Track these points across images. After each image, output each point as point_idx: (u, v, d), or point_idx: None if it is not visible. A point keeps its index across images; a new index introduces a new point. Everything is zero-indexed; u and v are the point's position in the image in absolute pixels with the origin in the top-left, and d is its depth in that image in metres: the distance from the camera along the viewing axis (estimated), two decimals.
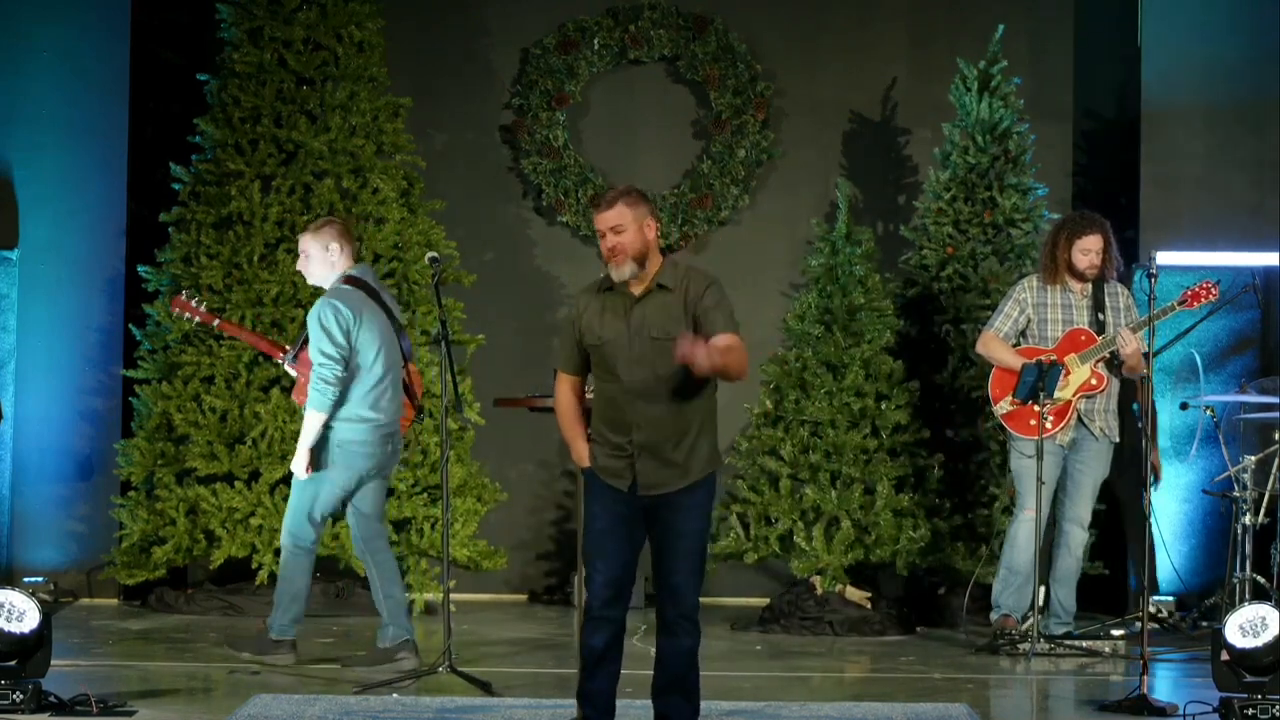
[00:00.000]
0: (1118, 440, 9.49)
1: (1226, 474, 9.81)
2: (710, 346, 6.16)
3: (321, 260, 8.46)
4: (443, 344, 8.07)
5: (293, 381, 10.36)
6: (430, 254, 8.32)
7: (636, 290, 6.39)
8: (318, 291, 8.73)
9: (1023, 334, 9.44)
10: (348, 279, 8.45)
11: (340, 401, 8.32)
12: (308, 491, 8.48)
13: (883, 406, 10.20)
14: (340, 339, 8.25)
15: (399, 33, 11.23)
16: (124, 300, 10.83)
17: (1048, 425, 9.17)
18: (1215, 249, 10.80)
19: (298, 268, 8.64)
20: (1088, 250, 9.30)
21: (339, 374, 8.26)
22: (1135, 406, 9.69)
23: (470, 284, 10.80)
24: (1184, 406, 10.19)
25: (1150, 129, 10.98)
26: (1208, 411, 10.03)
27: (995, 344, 9.44)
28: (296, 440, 10.18)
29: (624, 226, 6.36)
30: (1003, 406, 9.37)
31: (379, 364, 8.40)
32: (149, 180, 11.03)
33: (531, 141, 11.56)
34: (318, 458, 8.41)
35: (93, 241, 10.73)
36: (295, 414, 10.31)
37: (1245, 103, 10.88)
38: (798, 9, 11.68)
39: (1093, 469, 9.41)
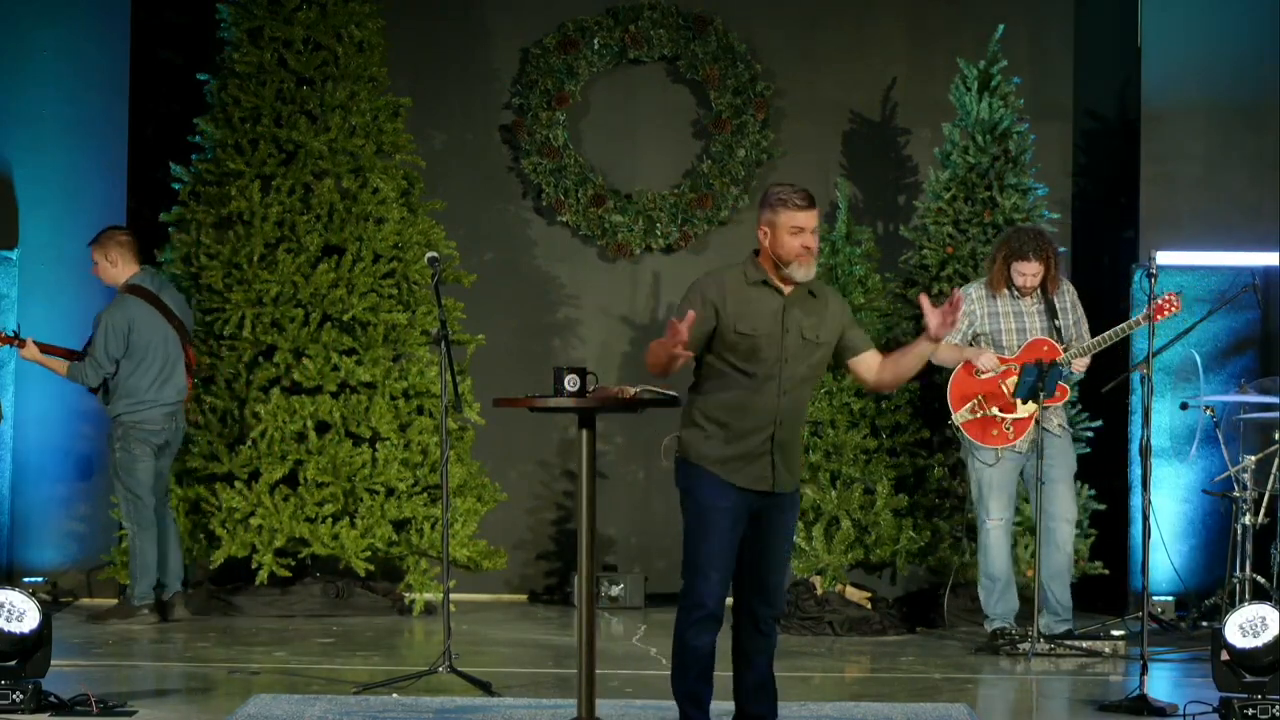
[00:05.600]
0: (1071, 430, 9.55)
1: (1226, 474, 9.81)
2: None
3: (105, 267, 10.01)
4: (443, 344, 8.09)
5: (293, 382, 10.40)
6: (430, 254, 8.35)
7: (786, 290, 6.34)
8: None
9: (972, 343, 9.46)
10: (130, 287, 9.95)
11: (127, 392, 9.86)
12: (125, 477, 9.91)
13: (883, 406, 10.21)
14: (119, 344, 9.84)
15: (399, 33, 11.23)
16: None
17: (1010, 435, 9.26)
18: (1215, 249, 10.81)
19: (93, 273, 10.08)
20: (1024, 273, 9.34)
21: (103, 372, 9.86)
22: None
23: (470, 284, 10.80)
24: (1184, 406, 10.19)
25: (1150, 129, 10.98)
26: (1208, 411, 10.03)
27: (946, 350, 9.46)
28: (296, 440, 10.26)
29: (818, 230, 6.35)
30: (962, 415, 9.39)
31: (157, 358, 9.87)
32: (149, 180, 11.04)
33: (531, 141, 11.56)
34: (122, 445, 9.91)
35: None
36: (295, 414, 10.32)
37: (1245, 102, 10.89)
38: (798, 9, 11.68)
39: (1062, 463, 9.39)
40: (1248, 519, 9.59)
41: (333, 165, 10.56)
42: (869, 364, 6.48)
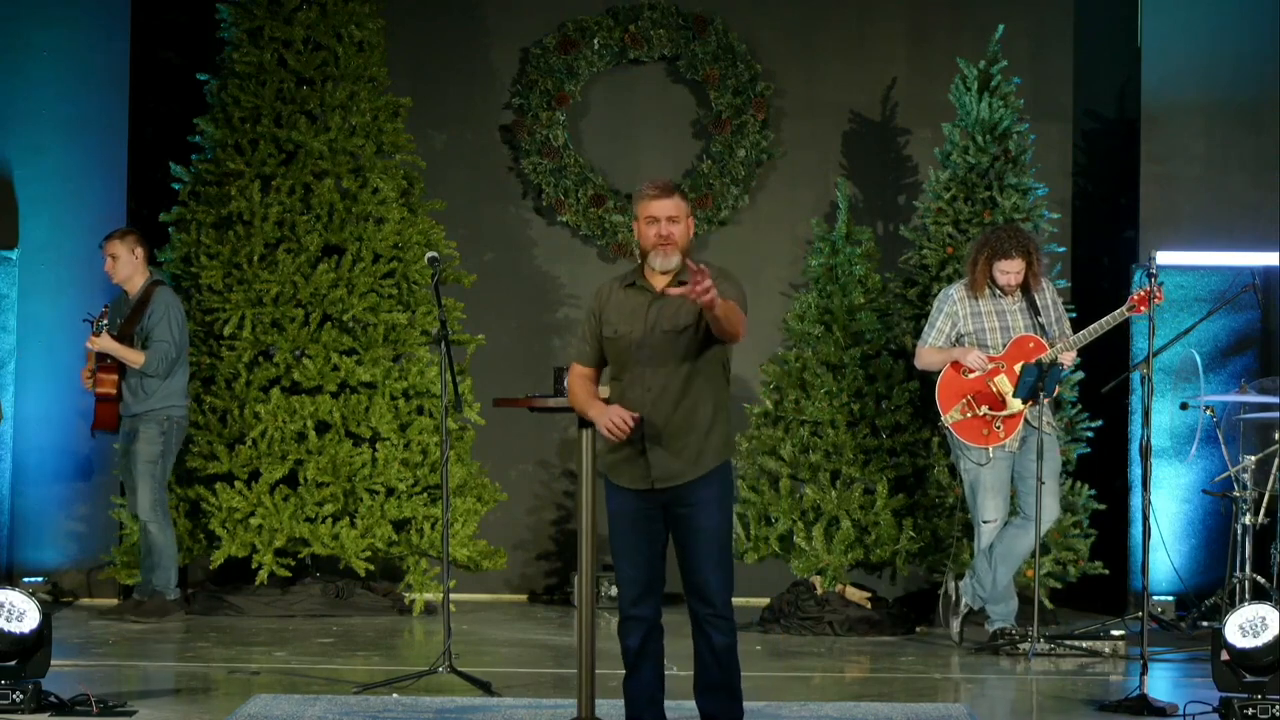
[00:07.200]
0: (1058, 428, 9.56)
1: (1226, 474, 9.82)
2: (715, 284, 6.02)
3: (128, 262, 10.08)
4: (443, 344, 8.09)
5: (293, 382, 10.40)
6: (430, 254, 8.35)
7: (658, 285, 6.35)
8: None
9: (956, 344, 9.45)
10: (163, 283, 10.16)
11: (171, 387, 10.04)
12: (158, 470, 10.02)
13: (883, 406, 10.21)
14: (181, 332, 10.07)
15: (399, 33, 11.23)
16: None
17: (1000, 434, 9.25)
18: (1215, 249, 10.81)
19: (105, 270, 10.16)
20: (1006, 271, 9.34)
21: (172, 358, 10.04)
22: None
23: (470, 284, 10.80)
24: (1184, 406, 10.20)
25: (1150, 129, 10.98)
26: (1208, 411, 10.03)
27: (932, 353, 9.46)
28: (296, 440, 10.26)
29: (679, 218, 6.32)
30: (952, 415, 9.38)
31: (186, 355, 10.17)
32: (149, 180, 11.04)
33: (531, 141, 11.57)
34: (163, 440, 10.04)
35: (93, 241, 10.71)
36: (295, 414, 10.32)
37: (1245, 102, 10.89)
38: (798, 9, 11.68)
39: (1049, 462, 9.40)
40: (1248, 519, 9.59)
41: (333, 165, 10.56)
42: None
